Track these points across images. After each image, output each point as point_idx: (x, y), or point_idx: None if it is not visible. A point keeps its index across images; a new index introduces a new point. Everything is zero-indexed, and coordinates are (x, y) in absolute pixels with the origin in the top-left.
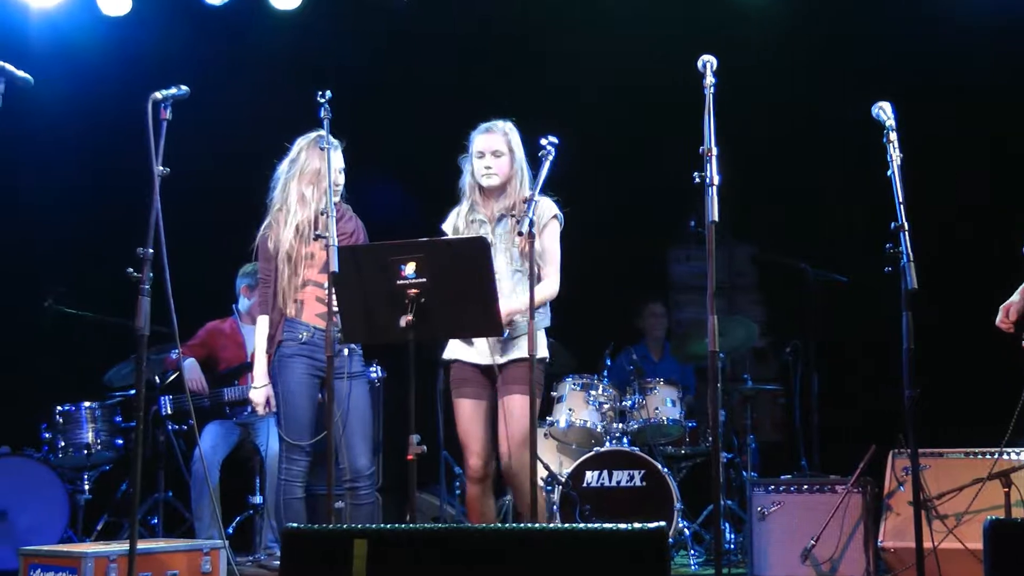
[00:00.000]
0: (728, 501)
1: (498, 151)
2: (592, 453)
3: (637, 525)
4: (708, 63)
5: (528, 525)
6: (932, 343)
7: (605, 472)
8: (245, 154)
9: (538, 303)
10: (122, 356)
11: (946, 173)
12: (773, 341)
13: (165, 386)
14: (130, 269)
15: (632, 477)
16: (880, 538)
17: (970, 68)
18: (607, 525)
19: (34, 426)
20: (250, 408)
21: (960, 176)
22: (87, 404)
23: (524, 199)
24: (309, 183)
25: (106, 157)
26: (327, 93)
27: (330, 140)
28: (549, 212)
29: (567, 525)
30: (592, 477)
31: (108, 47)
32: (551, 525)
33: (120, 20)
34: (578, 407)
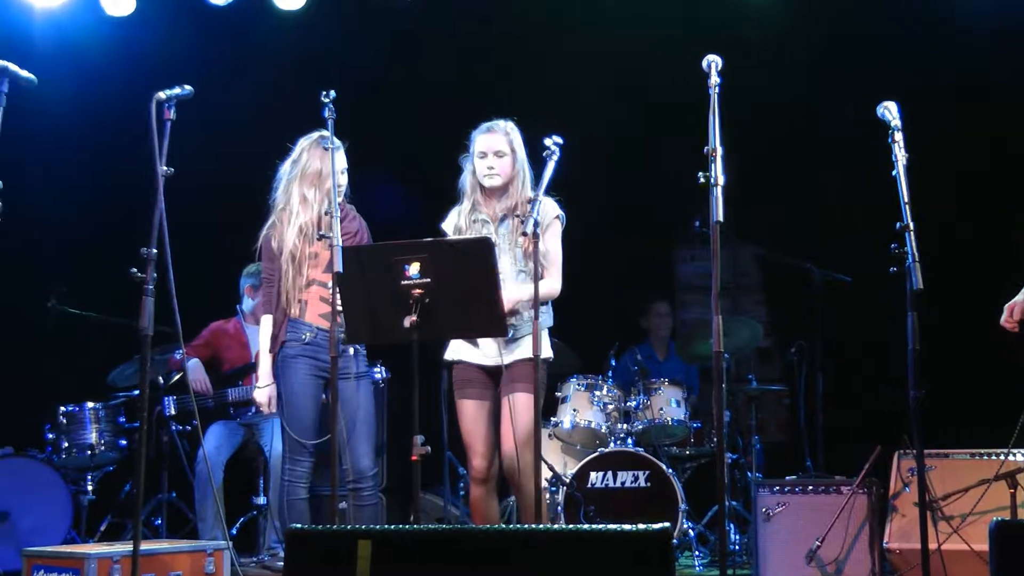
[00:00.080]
0: (733, 502)
1: (500, 151)
2: (596, 454)
3: (641, 526)
4: (713, 63)
5: (532, 526)
6: (934, 343)
7: (609, 473)
8: (249, 154)
9: (539, 301)
10: (126, 356)
11: (946, 173)
12: (778, 341)
13: (169, 386)
14: (134, 269)
15: (636, 478)
16: (885, 539)
17: (970, 68)
18: (611, 526)
19: (37, 427)
20: (254, 409)
21: (960, 176)
22: (91, 405)
23: (528, 199)
24: (311, 184)
25: (110, 157)
26: (331, 93)
27: (333, 140)
28: (552, 212)
29: (571, 526)
30: (596, 478)
31: (112, 47)
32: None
33: (124, 20)
34: (582, 408)
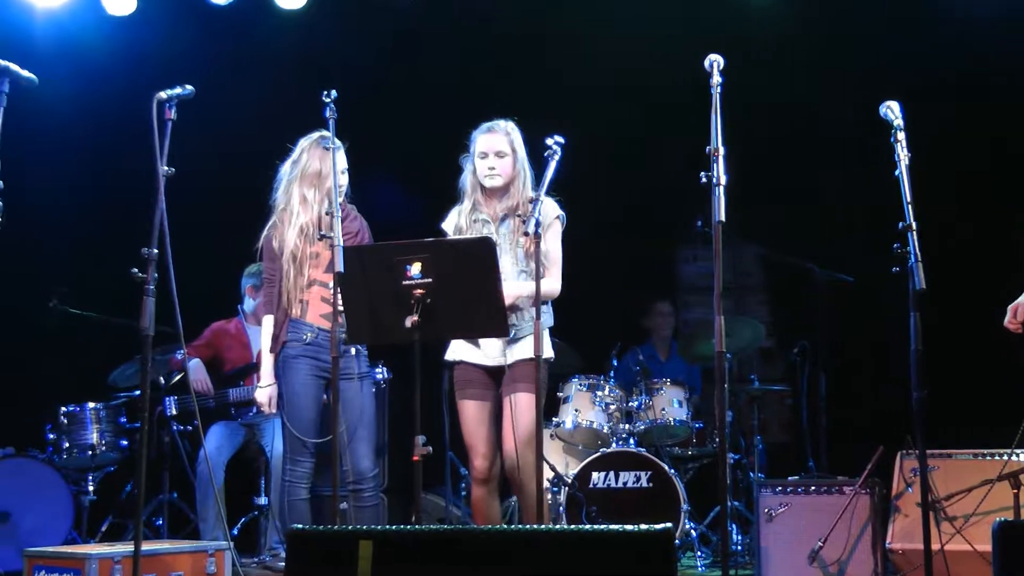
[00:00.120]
0: (735, 502)
1: (501, 151)
2: (598, 454)
3: (643, 526)
4: (715, 62)
5: (534, 526)
6: (936, 343)
7: (611, 473)
8: (250, 154)
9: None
10: (127, 357)
11: (946, 173)
12: (780, 341)
13: (170, 387)
14: (135, 269)
15: (639, 478)
16: (888, 540)
17: (970, 68)
18: (613, 526)
19: (38, 427)
20: (255, 409)
21: (960, 176)
22: (91, 405)
23: (530, 199)
24: (311, 185)
25: (111, 157)
26: (332, 92)
27: (334, 140)
28: (552, 213)
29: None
30: (598, 478)
31: (113, 47)
32: (557, 526)
33: (125, 20)
34: (584, 408)
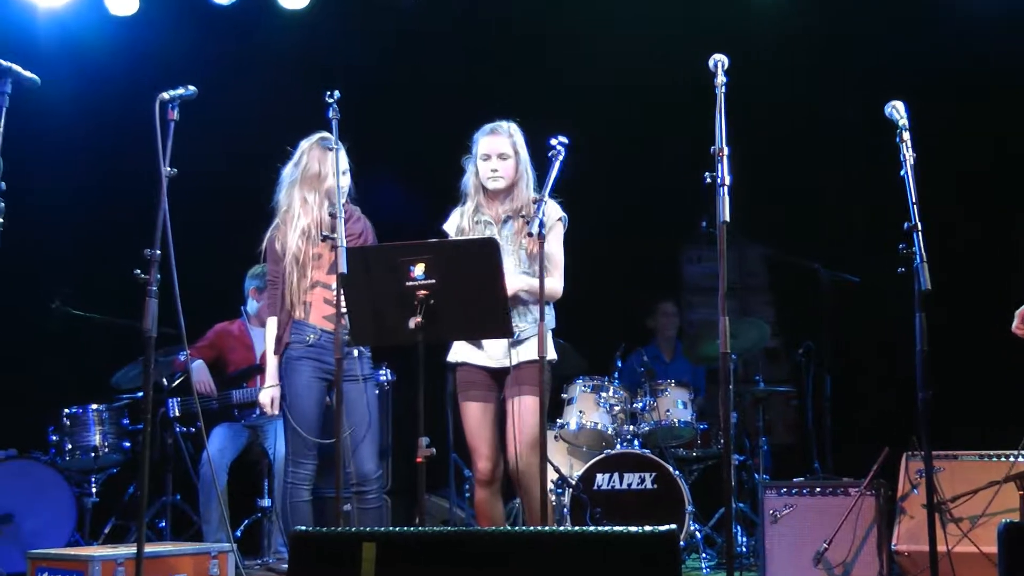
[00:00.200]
0: (740, 504)
1: (504, 153)
2: (603, 455)
3: (648, 528)
4: (720, 62)
5: (537, 528)
6: (942, 344)
7: (616, 475)
8: (253, 154)
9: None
10: (130, 358)
11: (947, 173)
12: (785, 342)
13: (173, 388)
14: (137, 270)
15: (643, 480)
16: (894, 541)
17: (971, 68)
18: (618, 528)
19: (41, 428)
20: (258, 410)
21: (961, 176)
22: (94, 406)
23: (533, 200)
24: (311, 187)
25: (113, 158)
26: (335, 93)
27: (337, 141)
28: (555, 214)
29: (577, 528)
30: (603, 480)
31: (115, 47)
32: (561, 528)
33: (127, 20)
34: (589, 409)
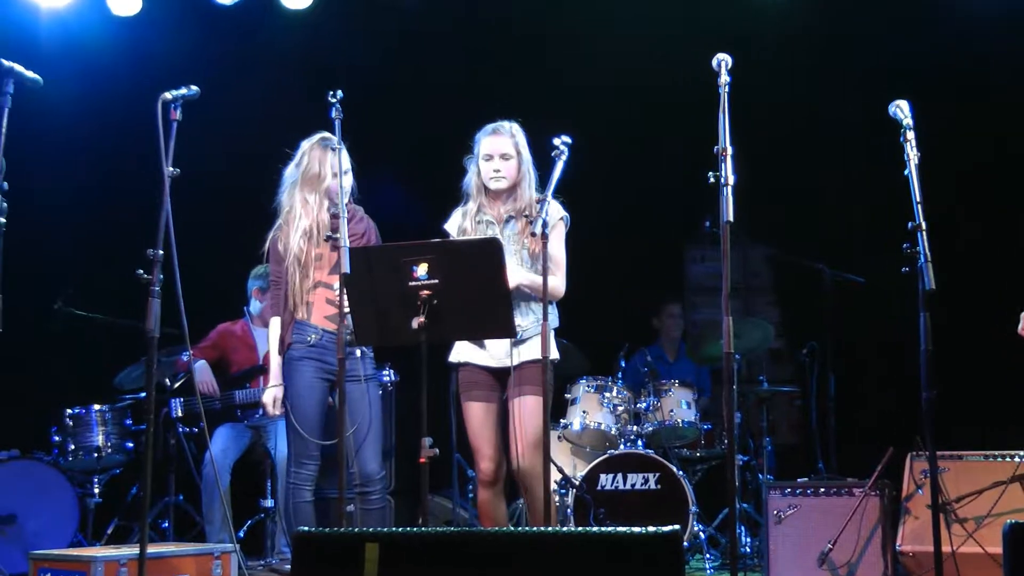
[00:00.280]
0: (744, 504)
1: (506, 154)
2: (606, 456)
3: (652, 529)
4: (723, 61)
5: (541, 528)
6: (946, 343)
7: (619, 475)
8: (255, 154)
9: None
10: (132, 358)
11: (948, 173)
12: (789, 342)
13: (176, 389)
14: (140, 271)
15: (647, 480)
16: (898, 542)
17: (972, 68)
18: (621, 528)
19: (44, 429)
20: (261, 411)
21: (961, 176)
22: (97, 407)
23: (537, 199)
24: (312, 188)
25: (115, 158)
26: (338, 93)
27: (340, 141)
28: (557, 214)
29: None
30: (606, 480)
31: (118, 47)
32: (564, 529)
33: (130, 20)
34: (592, 409)
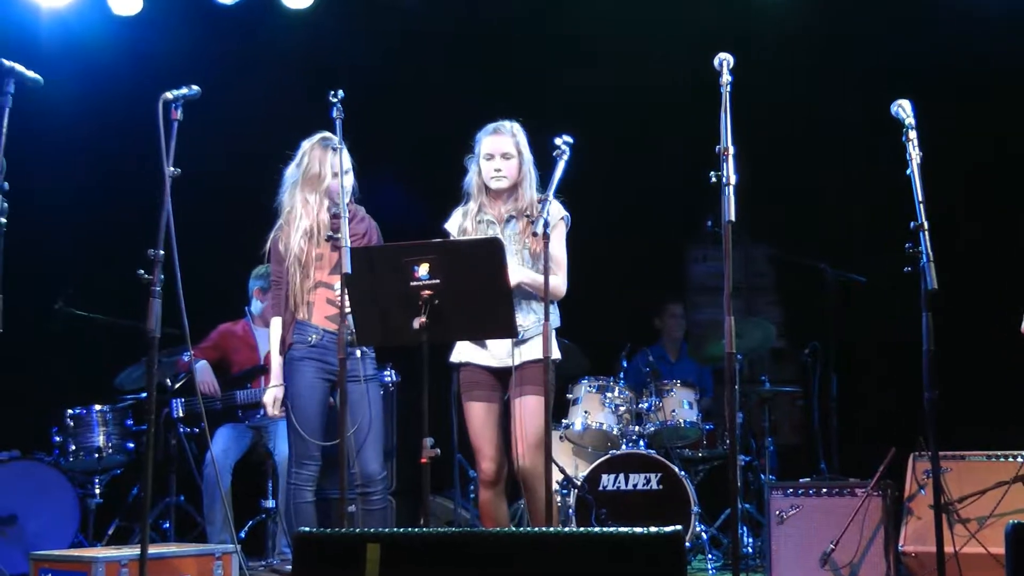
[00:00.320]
0: (746, 505)
1: (507, 153)
2: (608, 456)
3: (654, 529)
4: (725, 61)
5: (542, 529)
6: (948, 344)
7: (621, 475)
8: (256, 154)
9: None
10: (133, 359)
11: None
12: (791, 342)
13: (177, 389)
14: (141, 271)
15: (649, 480)
16: (901, 542)
17: (973, 68)
18: (623, 529)
19: (44, 429)
20: (262, 411)
21: (962, 176)
22: (98, 407)
23: (538, 199)
24: (312, 188)
25: (116, 158)
26: (339, 93)
27: (337, 141)
28: (558, 214)
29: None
30: (608, 480)
31: (119, 47)
32: (566, 529)
33: (131, 20)
34: (594, 409)
